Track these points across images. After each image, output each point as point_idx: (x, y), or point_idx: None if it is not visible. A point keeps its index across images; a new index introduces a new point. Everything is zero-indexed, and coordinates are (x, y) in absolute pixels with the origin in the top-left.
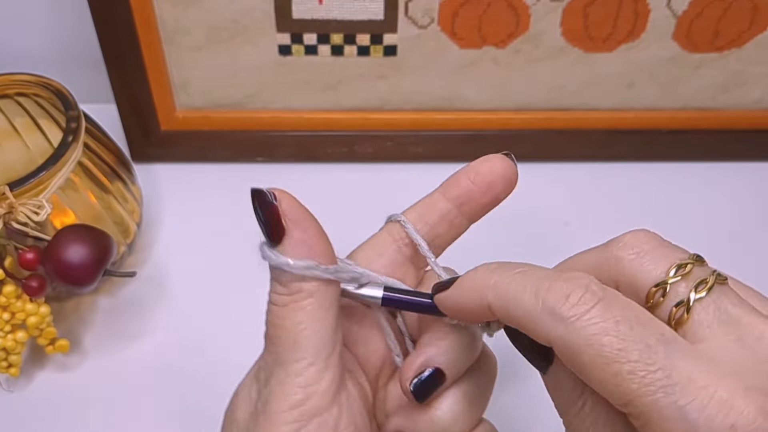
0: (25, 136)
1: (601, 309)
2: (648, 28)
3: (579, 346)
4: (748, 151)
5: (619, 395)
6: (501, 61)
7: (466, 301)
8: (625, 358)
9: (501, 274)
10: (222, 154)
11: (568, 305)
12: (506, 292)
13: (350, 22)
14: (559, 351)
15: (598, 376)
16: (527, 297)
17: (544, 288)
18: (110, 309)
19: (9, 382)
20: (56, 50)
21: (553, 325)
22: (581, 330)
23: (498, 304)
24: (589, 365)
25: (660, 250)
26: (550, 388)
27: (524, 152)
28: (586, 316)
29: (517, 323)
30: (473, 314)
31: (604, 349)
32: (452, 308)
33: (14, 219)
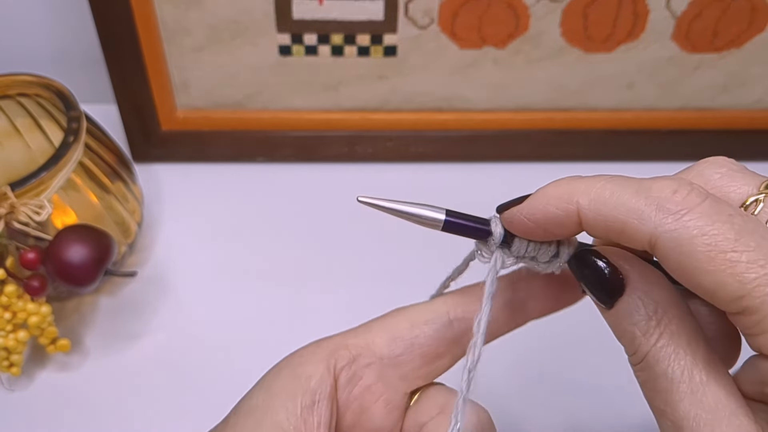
0: (27, 136)
1: (710, 205)
2: (647, 28)
3: (691, 238)
4: (748, 151)
5: (735, 288)
6: (501, 62)
7: (550, 208)
8: (743, 246)
9: (589, 180)
10: (222, 154)
11: (678, 197)
12: (602, 192)
13: (350, 23)
14: (666, 246)
15: (712, 268)
16: (628, 195)
17: (646, 186)
18: (111, 309)
19: (10, 382)
20: (57, 50)
21: (661, 220)
22: (694, 221)
23: (592, 206)
24: (702, 257)
25: (747, 171)
26: (618, 322)
27: (524, 152)
28: (698, 208)
29: (615, 224)
30: (554, 223)
31: (718, 238)
32: (530, 218)
33: (15, 219)
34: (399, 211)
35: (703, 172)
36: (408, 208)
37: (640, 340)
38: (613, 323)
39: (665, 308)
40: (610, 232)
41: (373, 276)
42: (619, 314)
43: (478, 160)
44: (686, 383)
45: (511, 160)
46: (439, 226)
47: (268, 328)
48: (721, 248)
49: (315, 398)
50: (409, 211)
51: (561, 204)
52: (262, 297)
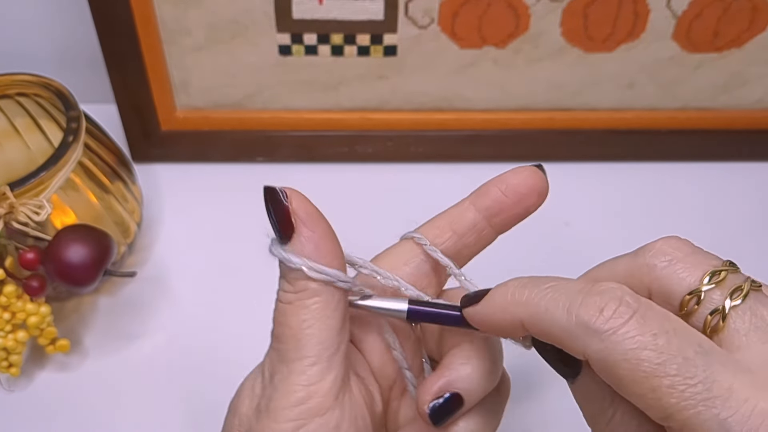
0: (26, 136)
1: (637, 322)
2: (648, 28)
3: (615, 361)
4: (748, 151)
5: (659, 409)
6: (501, 61)
7: (498, 317)
8: (664, 372)
9: (532, 290)
10: (222, 154)
11: (602, 319)
12: (538, 308)
13: (350, 23)
14: (595, 365)
15: (637, 391)
16: (560, 313)
17: (577, 302)
18: (111, 309)
19: (9, 382)
20: (57, 50)
21: (589, 341)
22: (618, 345)
23: (531, 321)
24: (626, 380)
25: (693, 257)
26: (579, 398)
27: (524, 152)
28: (622, 329)
29: (551, 339)
30: (505, 330)
31: (642, 363)
32: (483, 323)
33: (15, 219)
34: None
35: (647, 261)
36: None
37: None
38: (575, 395)
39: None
40: (553, 343)
41: None
42: (578, 391)
43: (478, 160)
44: None
45: (511, 160)
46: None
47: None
48: (644, 373)
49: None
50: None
51: (506, 316)
52: (262, 297)
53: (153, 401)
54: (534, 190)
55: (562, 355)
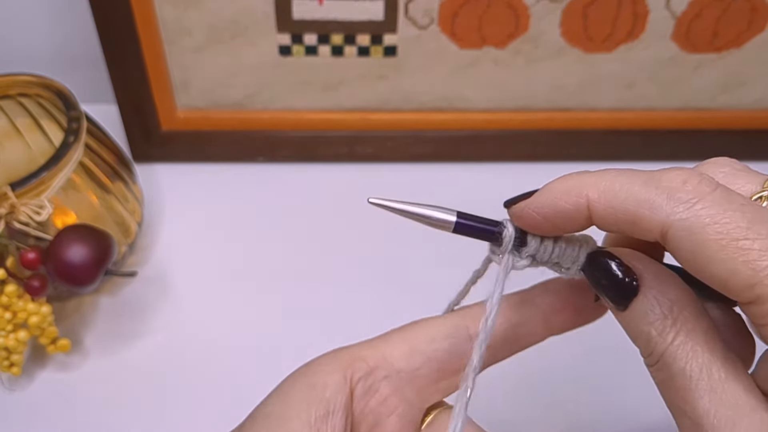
0: (27, 136)
1: (721, 193)
2: (647, 28)
3: (703, 226)
4: (748, 151)
5: (747, 276)
6: (501, 62)
7: (559, 201)
8: (755, 234)
9: (598, 174)
10: (222, 154)
11: (688, 188)
12: (612, 184)
13: (350, 23)
14: (676, 237)
15: (724, 257)
16: (638, 186)
17: (656, 177)
18: (111, 309)
19: (10, 382)
20: (57, 50)
21: (672, 209)
22: (705, 209)
23: (602, 198)
24: (714, 247)
25: (750, 170)
26: (633, 323)
27: (524, 152)
28: (709, 197)
29: (625, 216)
30: (563, 217)
31: (730, 226)
32: (538, 212)
33: (16, 219)
34: (410, 213)
35: (707, 171)
36: (419, 209)
37: (656, 339)
38: (627, 324)
39: (681, 307)
40: (621, 225)
41: (373, 276)
42: (633, 315)
43: (478, 160)
44: (705, 380)
45: (511, 160)
46: (450, 227)
47: (268, 328)
48: (733, 236)
49: (330, 409)
50: (420, 213)
51: (570, 198)
52: (262, 297)
53: (153, 401)
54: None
55: (618, 277)
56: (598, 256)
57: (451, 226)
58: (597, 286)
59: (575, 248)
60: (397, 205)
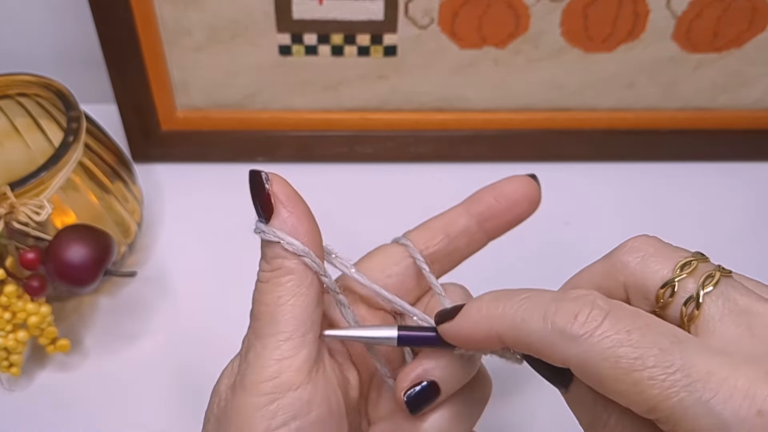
0: (26, 136)
1: (610, 322)
2: (647, 28)
3: (595, 362)
4: (748, 151)
5: (643, 403)
6: (501, 61)
7: (474, 332)
8: (642, 365)
9: (506, 302)
10: (222, 154)
11: (578, 324)
12: (514, 320)
13: (350, 23)
14: (576, 370)
15: (619, 388)
16: (536, 323)
17: (552, 311)
18: (111, 309)
19: (10, 382)
20: (57, 50)
21: (567, 346)
22: (594, 346)
23: (508, 333)
24: (607, 379)
25: (664, 251)
26: (573, 406)
27: (524, 152)
28: (598, 331)
29: (529, 349)
30: (482, 344)
31: (620, 360)
32: (459, 338)
33: (15, 219)
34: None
35: (620, 259)
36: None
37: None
38: (569, 403)
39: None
40: (532, 353)
41: None
42: (571, 399)
43: (478, 160)
44: None
45: (511, 160)
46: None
47: None
48: (623, 369)
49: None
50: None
51: (482, 330)
52: None
53: (153, 401)
54: (526, 198)
55: (553, 365)
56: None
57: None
58: (542, 375)
59: (512, 354)
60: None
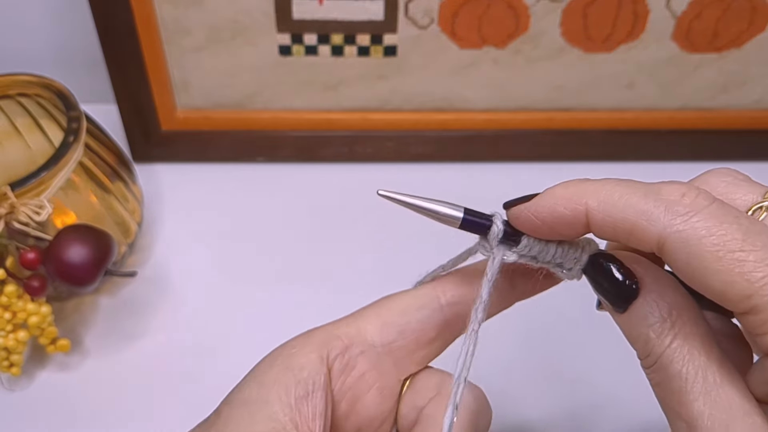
0: (27, 136)
1: (718, 207)
2: (647, 28)
3: (700, 238)
4: (748, 151)
5: (744, 287)
6: (501, 61)
7: (558, 207)
8: (750, 246)
9: (598, 182)
10: (222, 154)
11: (686, 201)
12: (611, 194)
13: (350, 23)
14: (673, 249)
15: (720, 268)
16: (637, 197)
17: (654, 189)
18: (111, 309)
19: (10, 382)
20: (57, 50)
21: (670, 221)
22: (702, 222)
23: (601, 207)
24: (710, 257)
25: (751, 180)
26: (632, 325)
27: (524, 152)
28: (706, 210)
29: (624, 225)
30: (561, 222)
31: (726, 238)
32: (537, 216)
33: (15, 219)
34: (418, 207)
35: (708, 181)
36: (427, 204)
37: (654, 341)
38: (626, 326)
39: (679, 311)
40: (619, 234)
41: (373, 275)
42: (633, 317)
43: (478, 160)
44: (700, 383)
45: (511, 160)
46: (457, 223)
47: (268, 328)
48: (729, 248)
49: (309, 389)
50: (428, 207)
51: (570, 204)
52: (262, 297)
53: (153, 401)
54: None
55: (618, 282)
56: (599, 258)
57: (458, 222)
58: (598, 289)
59: (578, 250)
60: (406, 199)
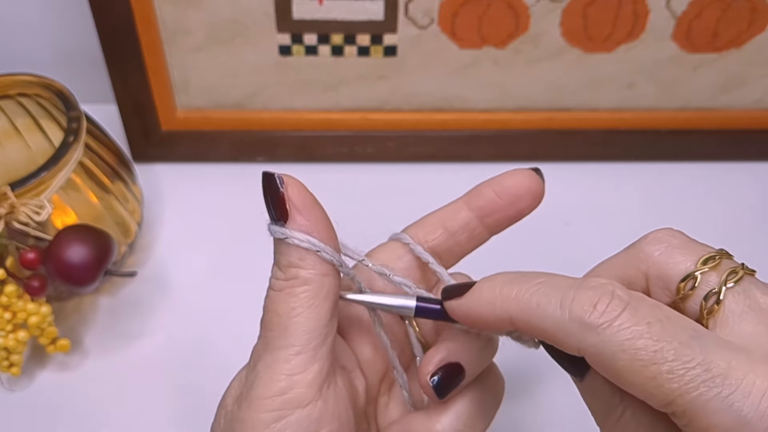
0: (27, 136)
1: (630, 313)
2: (647, 28)
3: (613, 353)
4: (748, 151)
5: (661, 396)
6: (501, 61)
7: (485, 311)
8: (662, 358)
9: (521, 285)
10: (222, 154)
11: (597, 313)
12: (529, 304)
13: (350, 23)
14: (591, 360)
15: (637, 381)
16: (552, 309)
17: (569, 298)
18: (111, 309)
19: (10, 382)
20: (57, 50)
21: (584, 335)
22: (613, 336)
23: (522, 317)
24: (625, 371)
25: (688, 244)
26: (587, 397)
27: (524, 152)
28: (617, 321)
29: (544, 336)
30: (491, 326)
31: (639, 352)
32: (468, 317)
33: (16, 219)
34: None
35: (643, 249)
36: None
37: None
38: (583, 393)
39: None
40: (544, 339)
41: None
42: (589, 386)
43: (478, 160)
44: None
45: (511, 160)
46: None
47: None
48: (642, 361)
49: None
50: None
51: (494, 312)
52: (261, 297)
53: (153, 401)
54: (529, 192)
55: (569, 354)
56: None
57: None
58: (555, 359)
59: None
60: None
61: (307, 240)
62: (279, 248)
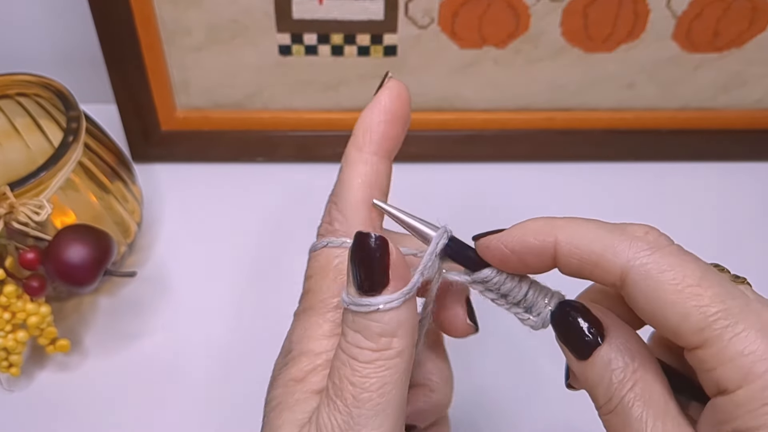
0: (26, 136)
1: (678, 247)
2: (648, 28)
3: (661, 272)
4: (748, 151)
5: (697, 320)
6: (501, 61)
7: (527, 237)
8: (707, 283)
9: (567, 218)
10: (222, 154)
11: (650, 237)
12: (579, 228)
13: (350, 23)
14: (634, 281)
15: (679, 300)
16: (604, 231)
17: (620, 226)
18: (111, 309)
19: (10, 382)
20: (56, 50)
21: (634, 254)
22: (664, 257)
23: (569, 239)
24: (669, 290)
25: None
26: (594, 371)
27: (524, 152)
28: (667, 248)
29: (590, 257)
30: (530, 253)
31: (686, 273)
32: (506, 244)
33: (15, 219)
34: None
35: None
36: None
37: (616, 386)
38: (589, 371)
39: (642, 359)
40: (584, 266)
41: None
42: (596, 362)
43: (478, 160)
44: (660, 429)
45: (511, 160)
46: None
47: (268, 328)
48: (687, 282)
49: None
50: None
51: (539, 235)
52: (262, 297)
53: (153, 401)
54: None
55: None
56: (567, 306)
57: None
58: (563, 335)
59: (548, 294)
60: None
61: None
62: (372, 316)
